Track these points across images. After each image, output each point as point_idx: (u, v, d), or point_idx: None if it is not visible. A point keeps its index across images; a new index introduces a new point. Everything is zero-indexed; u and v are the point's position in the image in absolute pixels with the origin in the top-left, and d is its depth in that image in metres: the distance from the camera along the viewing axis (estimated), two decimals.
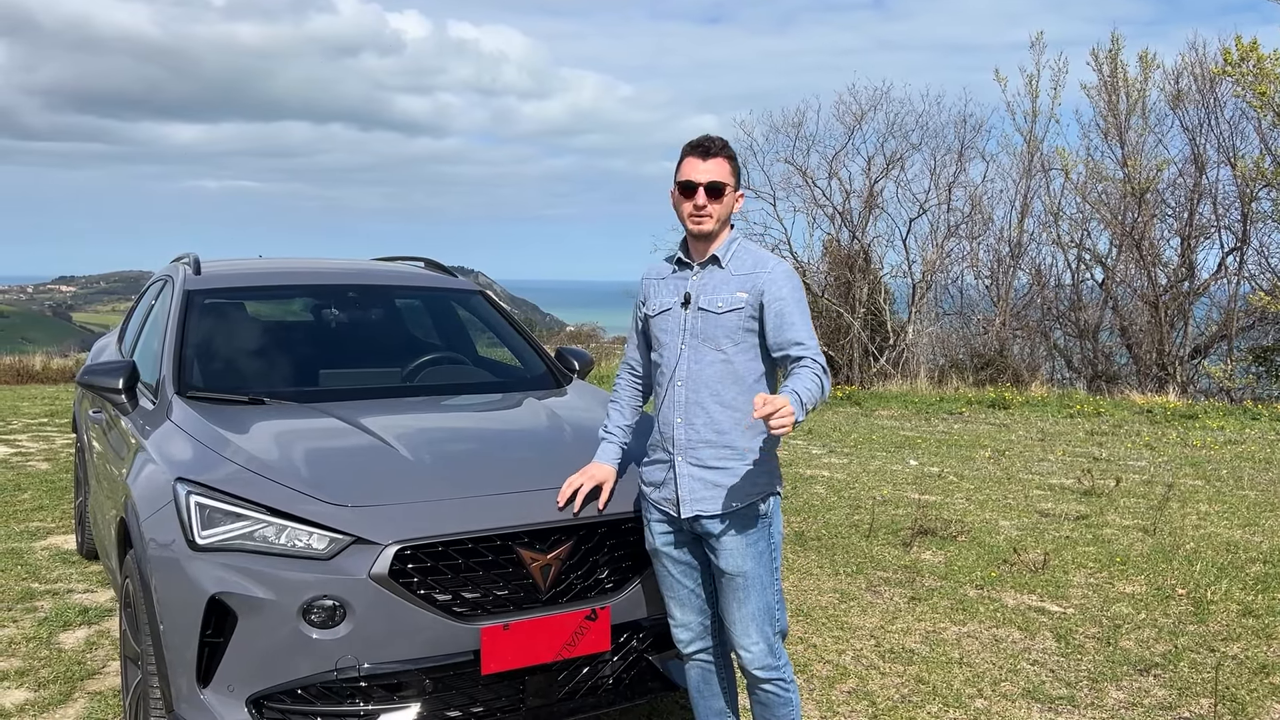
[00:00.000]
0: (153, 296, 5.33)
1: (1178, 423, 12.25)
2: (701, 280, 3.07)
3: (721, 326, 3.01)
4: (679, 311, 3.08)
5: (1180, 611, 5.15)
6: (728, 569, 3.03)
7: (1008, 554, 6.11)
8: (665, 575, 3.19)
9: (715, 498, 3.01)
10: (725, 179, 3.03)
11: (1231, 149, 18.33)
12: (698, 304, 3.04)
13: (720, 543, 3.03)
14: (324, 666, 2.99)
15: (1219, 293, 19.22)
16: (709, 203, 3.01)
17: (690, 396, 3.03)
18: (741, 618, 3.05)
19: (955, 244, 20.99)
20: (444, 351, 4.91)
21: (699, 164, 3.02)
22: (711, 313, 3.02)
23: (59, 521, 6.87)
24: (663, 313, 3.12)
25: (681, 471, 3.03)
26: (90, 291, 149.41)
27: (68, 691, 4.12)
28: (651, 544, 3.19)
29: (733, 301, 3.01)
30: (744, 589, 3.03)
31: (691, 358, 3.03)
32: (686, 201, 3.03)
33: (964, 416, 13.09)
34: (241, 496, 3.14)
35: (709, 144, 3.04)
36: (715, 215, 3.02)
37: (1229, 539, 6.52)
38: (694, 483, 3.02)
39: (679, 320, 3.07)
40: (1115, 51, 19.79)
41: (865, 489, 8.15)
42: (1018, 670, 4.40)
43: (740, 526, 3.02)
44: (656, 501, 3.13)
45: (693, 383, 3.03)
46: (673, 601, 3.21)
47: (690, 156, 3.04)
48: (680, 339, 3.06)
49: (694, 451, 3.03)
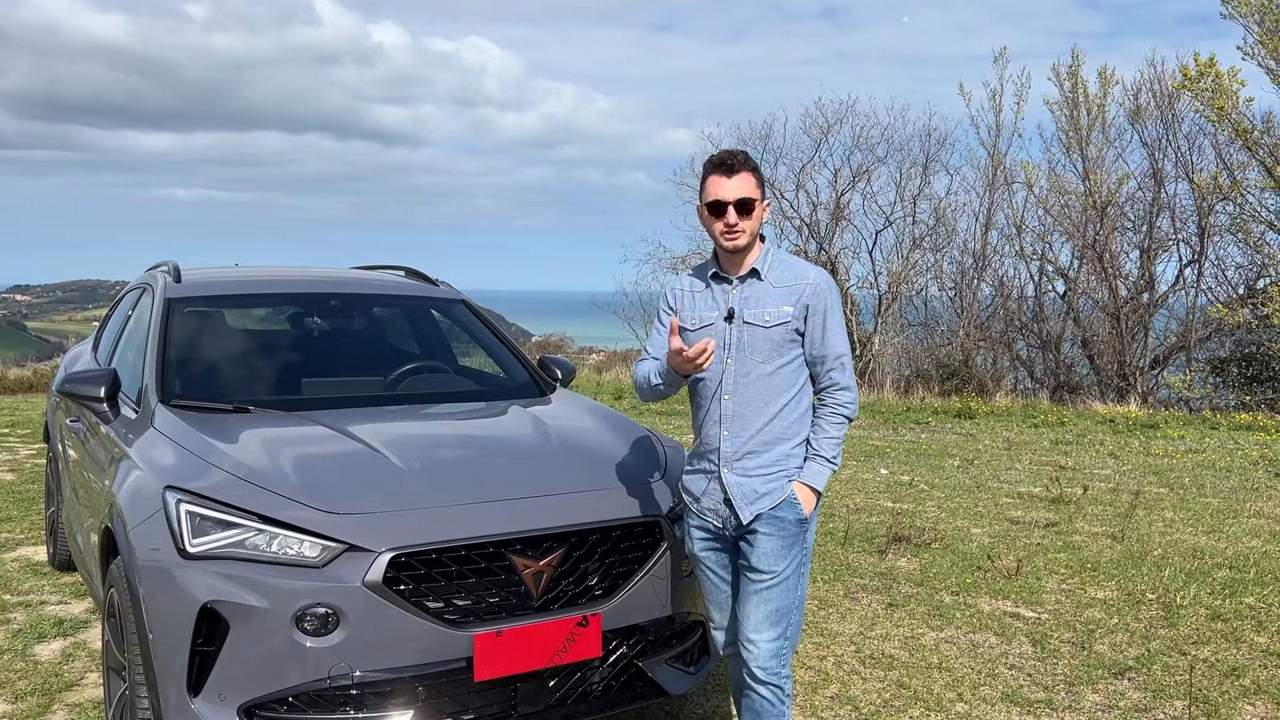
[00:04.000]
0: (130, 305, 5.29)
1: (1139, 432, 12.47)
2: (743, 294, 3.08)
3: (770, 340, 3.04)
4: (722, 326, 3.07)
5: (1151, 616, 5.25)
6: (762, 567, 3.05)
7: (981, 561, 6.20)
8: (706, 580, 3.25)
9: (766, 500, 3.05)
10: (752, 194, 3.02)
11: (1189, 163, 18.72)
12: (743, 318, 3.05)
13: (759, 541, 3.05)
14: (317, 675, 2.99)
15: (1177, 305, 19.59)
16: (740, 220, 3.00)
17: (736, 409, 3.05)
18: (759, 614, 3.05)
19: (920, 256, 21.23)
20: (427, 360, 4.91)
21: (725, 182, 3.00)
22: (760, 327, 3.04)
23: (28, 533, 6.76)
24: (704, 327, 3.10)
25: (729, 481, 3.06)
26: (46, 301, 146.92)
27: (46, 704, 4.06)
28: (691, 550, 3.24)
29: (779, 315, 3.04)
30: (770, 588, 3.05)
31: (738, 371, 3.04)
32: (717, 221, 3.03)
33: (931, 426, 13.24)
34: (232, 504, 3.14)
35: (732, 160, 3.02)
36: (748, 230, 3.02)
37: (1195, 545, 6.66)
38: (744, 490, 3.05)
39: (723, 335, 3.07)
40: (1076, 67, 20.16)
41: (838, 497, 8.22)
42: (996, 674, 4.47)
43: (781, 528, 3.05)
44: (699, 511, 3.17)
45: (739, 396, 3.05)
46: (713, 606, 3.26)
47: (715, 175, 3.03)
48: (725, 353, 3.06)
49: (740, 463, 3.06)
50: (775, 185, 21.05)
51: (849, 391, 3.11)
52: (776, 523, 3.05)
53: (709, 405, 3.09)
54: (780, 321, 3.04)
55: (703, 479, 3.15)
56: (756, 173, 3.06)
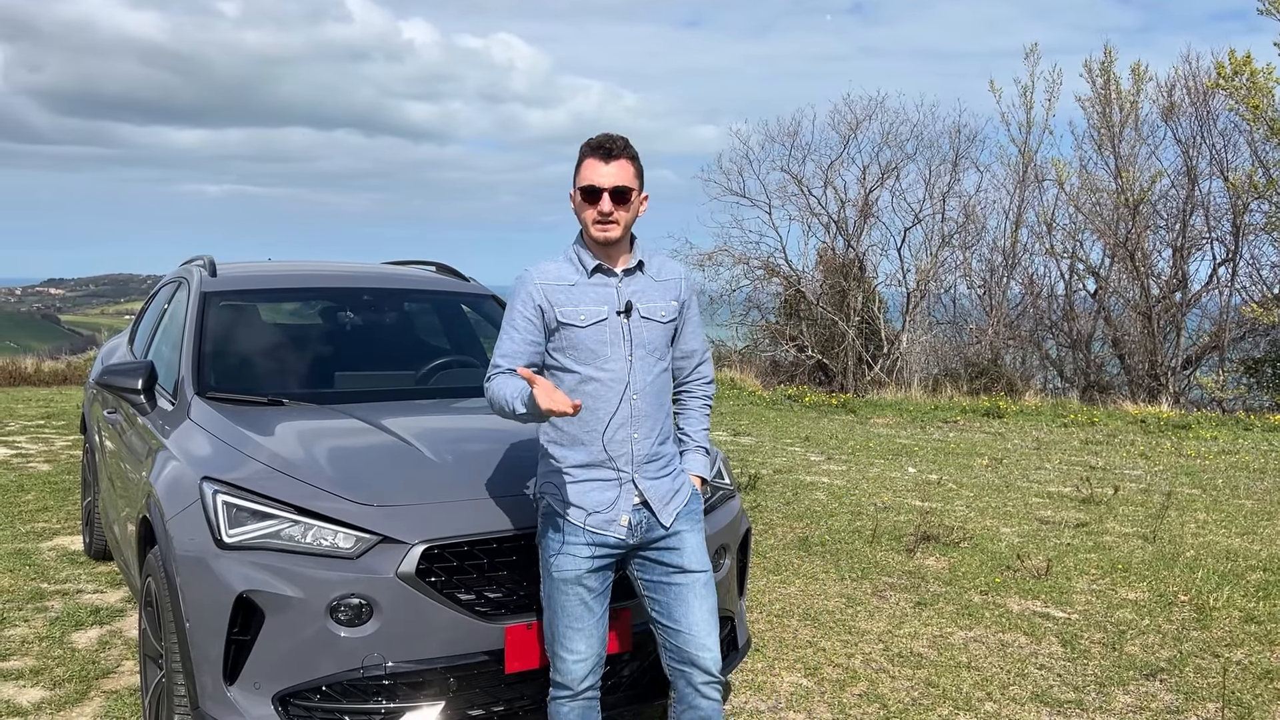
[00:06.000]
0: (166, 299, 5.35)
1: (1171, 433, 12.34)
2: (632, 288, 2.94)
3: (665, 335, 2.99)
4: (617, 321, 2.90)
5: (1183, 618, 5.20)
6: (694, 566, 2.97)
7: (1010, 560, 6.17)
8: (576, 606, 2.92)
9: (679, 498, 3.00)
10: (630, 183, 2.85)
11: (1224, 161, 18.49)
12: (640, 313, 2.93)
13: (685, 540, 2.97)
14: (350, 664, 3.02)
15: (1211, 304, 19.37)
16: (615, 209, 2.83)
17: (646, 409, 2.92)
18: (704, 617, 2.95)
19: (949, 253, 21.11)
20: (458, 355, 4.94)
21: (601, 167, 2.83)
22: (657, 322, 2.96)
23: (64, 522, 6.87)
24: (597, 323, 2.89)
25: (644, 486, 2.92)
26: (79, 294, 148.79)
27: (83, 690, 4.13)
28: (565, 575, 2.90)
29: (670, 310, 3.00)
30: (705, 585, 2.98)
31: (641, 369, 2.92)
32: (590, 208, 2.85)
33: (959, 425, 13.16)
34: (268, 495, 3.17)
35: (611, 145, 2.85)
36: (622, 222, 2.86)
37: (1228, 547, 6.59)
38: (659, 492, 2.95)
39: (620, 330, 2.90)
40: (1108, 63, 19.95)
41: (866, 495, 8.20)
42: (1025, 674, 4.45)
43: (697, 522, 3.03)
44: (593, 527, 2.90)
45: (645, 394, 2.92)
46: (578, 635, 2.93)
47: (591, 158, 2.84)
48: (626, 349, 2.90)
49: (647, 465, 2.94)
50: (804, 182, 21.00)
51: (714, 384, 3.22)
52: (692, 517, 3.01)
53: (616, 408, 2.88)
54: (671, 317, 3.00)
55: (606, 489, 2.90)
56: (636, 162, 2.88)
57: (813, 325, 20.65)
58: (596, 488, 2.91)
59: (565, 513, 2.91)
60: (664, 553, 2.97)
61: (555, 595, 2.94)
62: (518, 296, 2.93)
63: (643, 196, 2.94)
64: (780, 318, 21.57)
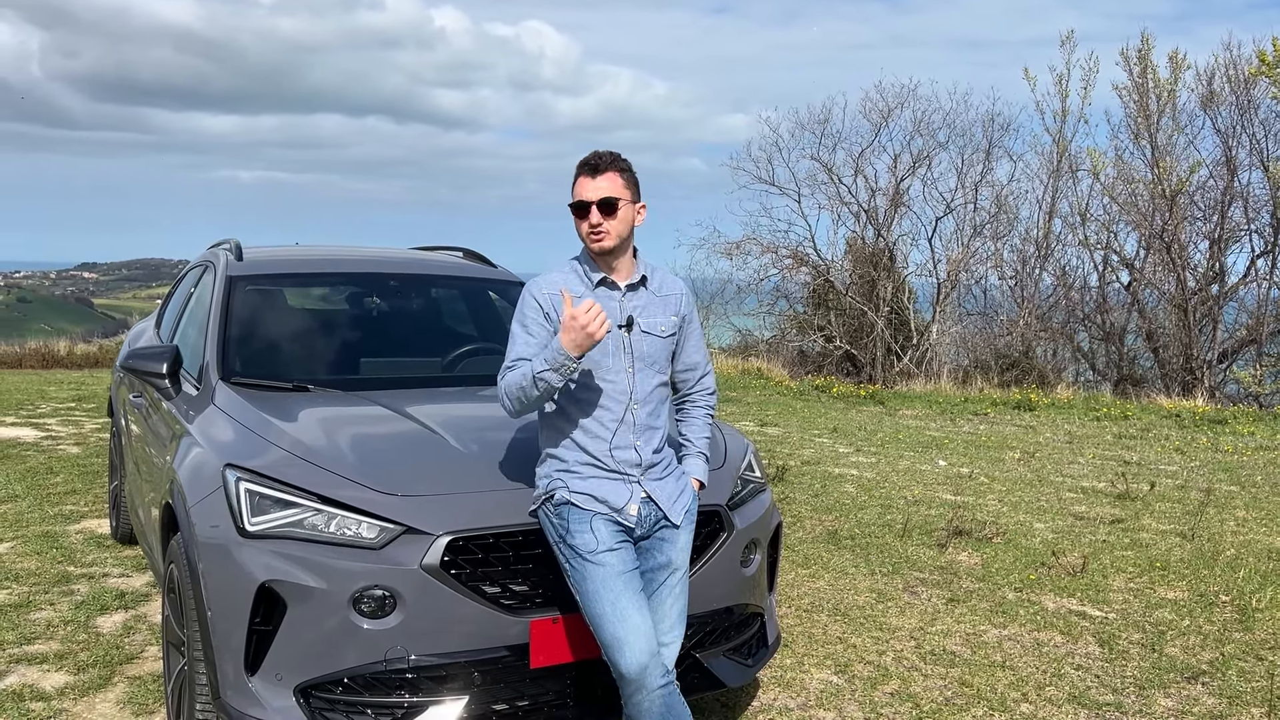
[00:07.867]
0: (192, 283, 5.32)
1: (1207, 428, 12.12)
2: (634, 302, 3.05)
3: (666, 350, 3.10)
4: (619, 334, 3.01)
5: (1225, 619, 5.07)
6: (679, 562, 3.07)
7: (1045, 557, 6.04)
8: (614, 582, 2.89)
9: (685, 498, 3.11)
10: (617, 193, 2.94)
11: (1265, 151, 18.13)
12: (641, 328, 3.04)
13: (679, 536, 3.07)
14: (373, 657, 2.97)
15: (1248, 297, 19.04)
16: (605, 220, 2.93)
17: (647, 420, 3.03)
18: (675, 612, 3.05)
19: (981, 244, 20.88)
20: (484, 342, 4.87)
21: (589, 182, 2.95)
22: (657, 337, 3.07)
23: (92, 505, 6.88)
24: None
25: (651, 488, 3.02)
26: (112, 279, 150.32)
27: (107, 675, 4.11)
28: (589, 547, 2.91)
29: (670, 325, 3.10)
30: (682, 580, 3.08)
31: (641, 381, 3.02)
32: (582, 222, 2.96)
33: (989, 417, 12.99)
34: (291, 484, 3.12)
35: (598, 161, 2.96)
36: (613, 231, 2.95)
37: (1270, 546, 6.43)
38: (666, 493, 3.04)
39: (621, 343, 3.01)
40: (1145, 51, 19.60)
41: (896, 489, 8.08)
42: (1062, 675, 4.34)
43: (692, 521, 3.14)
44: (606, 511, 2.95)
45: (646, 405, 3.04)
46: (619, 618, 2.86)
47: (581, 176, 2.97)
48: (627, 362, 3.01)
49: (652, 470, 3.04)
50: (834, 170, 20.80)
51: (715, 394, 3.32)
52: (690, 517, 3.13)
53: (623, 415, 2.99)
54: (671, 332, 3.10)
55: (619, 487, 2.97)
56: (625, 173, 2.97)
57: (841, 315, 20.48)
58: (613, 484, 3.00)
59: (579, 501, 2.97)
60: (656, 543, 3.05)
61: (585, 579, 2.89)
62: (526, 304, 3.05)
63: (639, 205, 3.04)
64: (808, 307, 21.42)
